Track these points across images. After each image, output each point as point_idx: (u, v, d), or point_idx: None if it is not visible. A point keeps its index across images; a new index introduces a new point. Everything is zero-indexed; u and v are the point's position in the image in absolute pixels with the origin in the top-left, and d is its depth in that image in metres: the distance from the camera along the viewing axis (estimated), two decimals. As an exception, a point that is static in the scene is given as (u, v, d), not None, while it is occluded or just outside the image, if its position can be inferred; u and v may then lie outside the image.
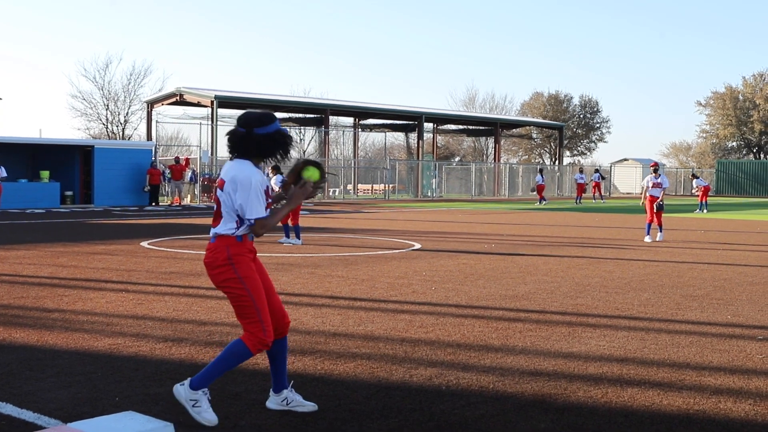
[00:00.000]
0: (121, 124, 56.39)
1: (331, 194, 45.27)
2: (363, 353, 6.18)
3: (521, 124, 62.19)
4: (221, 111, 40.97)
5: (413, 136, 54.66)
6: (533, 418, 4.66)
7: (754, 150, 78.46)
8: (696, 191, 33.86)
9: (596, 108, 78.58)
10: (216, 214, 4.51)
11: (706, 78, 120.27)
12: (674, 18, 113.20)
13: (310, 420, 4.55)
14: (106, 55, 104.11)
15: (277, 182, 14.97)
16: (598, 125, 79.17)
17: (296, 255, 13.15)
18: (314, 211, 28.84)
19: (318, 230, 19.09)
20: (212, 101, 39.74)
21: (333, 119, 50.21)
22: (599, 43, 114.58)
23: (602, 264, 12.46)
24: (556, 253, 13.99)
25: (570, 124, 75.40)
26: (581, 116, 78.54)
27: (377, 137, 66.49)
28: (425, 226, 21.32)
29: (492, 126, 56.75)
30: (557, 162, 60.59)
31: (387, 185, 46.94)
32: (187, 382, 4.43)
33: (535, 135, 73.47)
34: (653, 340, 6.81)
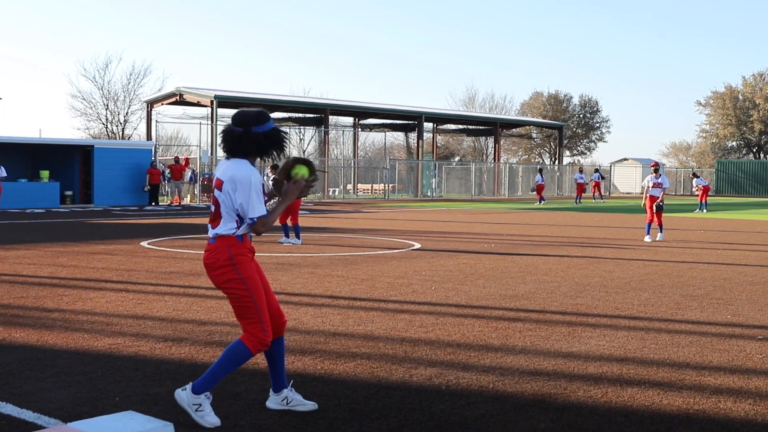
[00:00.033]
0: (121, 124, 56.43)
1: (331, 194, 45.27)
2: (363, 353, 6.19)
3: (521, 124, 62.18)
4: (221, 111, 40.94)
5: (413, 136, 54.65)
6: (533, 418, 4.66)
7: (754, 150, 78.48)
8: (696, 190, 33.88)
9: (596, 108, 78.60)
10: (215, 215, 4.49)
11: (706, 78, 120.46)
12: (674, 18, 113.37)
13: (310, 420, 4.55)
14: (106, 55, 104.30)
15: None
16: (598, 125, 79.19)
17: (296, 255, 13.15)
18: (314, 211, 28.84)
19: (318, 230, 19.09)
20: (212, 101, 39.74)
21: (333, 119, 50.21)
22: (599, 43, 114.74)
23: (602, 264, 12.47)
24: (556, 253, 13.99)
25: (570, 124, 75.41)
26: (581, 116, 78.54)
27: (377, 137, 66.60)
28: (425, 226, 21.32)
29: (492, 126, 56.74)
30: (557, 162, 60.61)
31: (387, 185, 46.94)
32: (189, 387, 4.43)
33: (535, 135, 73.47)
34: (653, 340, 6.81)
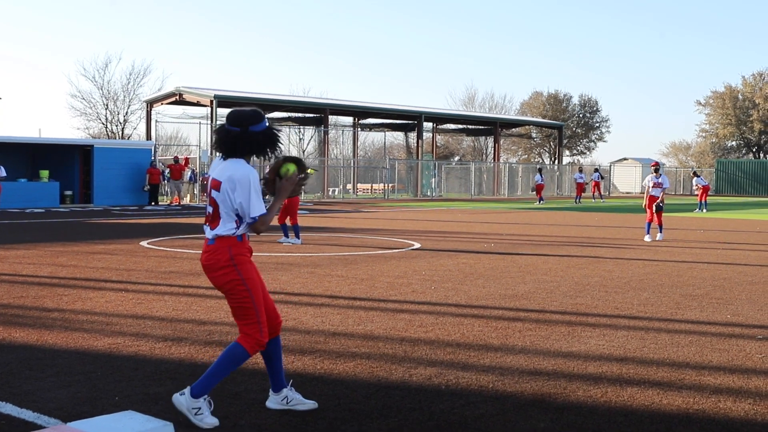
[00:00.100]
0: (121, 124, 56.39)
1: (331, 194, 45.26)
2: (362, 353, 6.19)
3: (521, 124, 62.16)
4: (221, 111, 40.92)
5: (413, 136, 54.61)
6: (533, 418, 4.67)
7: (754, 149, 78.47)
8: (696, 190, 33.88)
9: (596, 107, 78.58)
10: (213, 216, 4.47)
11: (706, 77, 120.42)
12: (674, 18, 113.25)
13: (310, 419, 4.55)
14: (106, 55, 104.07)
15: None
16: (598, 124, 79.16)
17: (296, 254, 13.15)
18: (314, 211, 28.84)
19: (317, 230, 19.09)
20: (212, 101, 39.73)
21: (332, 119, 50.16)
22: (599, 43, 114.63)
23: (602, 263, 12.47)
24: (556, 253, 13.99)
25: (569, 124, 75.39)
26: (581, 116, 78.53)
27: (377, 137, 66.53)
28: (425, 226, 21.32)
29: (491, 125, 56.72)
30: (557, 161, 60.61)
31: (386, 185, 46.92)
32: (188, 391, 4.42)
33: (535, 134, 73.44)
34: (653, 340, 6.81)
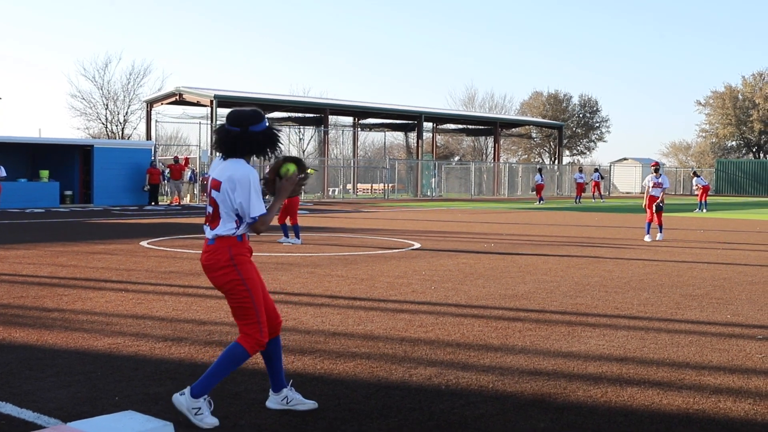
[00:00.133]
0: (121, 124, 56.38)
1: (331, 194, 45.26)
2: (362, 353, 6.19)
3: (521, 124, 62.16)
4: (221, 110, 40.92)
5: (413, 136, 54.60)
6: (533, 418, 4.67)
7: (754, 149, 78.47)
8: (696, 190, 33.88)
9: (596, 107, 78.58)
10: (213, 216, 4.47)
11: (706, 77, 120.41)
12: (674, 18, 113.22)
13: (310, 419, 4.55)
14: (106, 55, 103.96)
15: None
16: (598, 124, 79.16)
17: (296, 254, 13.15)
18: (314, 211, 28.84)
19: (317, 230, 19.08)
20: (211, 101, 39.73)
21: (332, 119, 50.16)
22: (599, 43, 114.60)
23: (602, 263, 12.47)
24: (556, 253, 13.99)
25: (569, 124, 75.39)
26: (581, 115, 78.53)
27: (377, 137, 66.52)
28: (425, 226, 21.32)
29: (491, 125, 56.72)
30: (557, 161, 60.61)
31: (386, 185, 46.91)
32: (188, 392, 4.42)
33: (535, 134, 73.43)
34: (653, 340, 6.81)
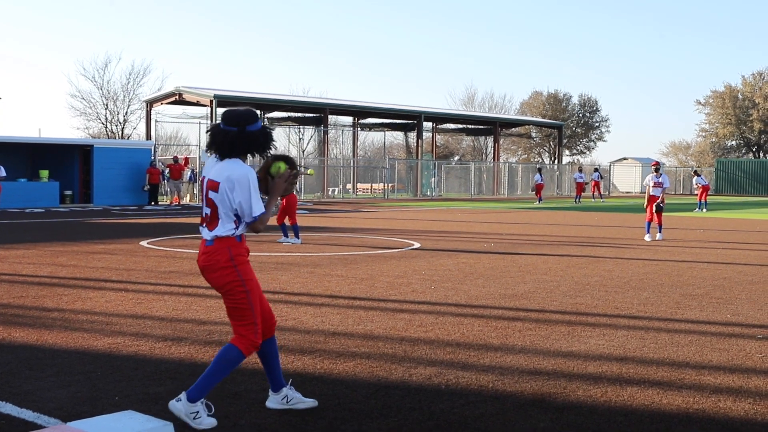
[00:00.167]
0: (121, 124, 56.35)
1: (330, 193, 45.26)
2: (362, 352, 6.19)
3: (520, 123, 62.13)
4: (220, 110, 40.91)
5: (412, 136, 54.57)
6: (533, 417, 4.67)
7: (754, 149, 78.46)
8: (696, 189, 33.89)
9: (595, 107, 78.56)
10: (212, 217, 4.46)
11: (706, 77, 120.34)
12: (674, 18, 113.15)
13: (310, 419, 4.55)
14: (106, 55, 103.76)
15: None
16: (598, 124, 79.14)
17: (295, 254, 13.15)
18: (313, 211, 28.84)
19: (317, 229, 19.08)
20: (211, 100, 39.73)
21: (332, 118, 50.13)
22: (599, 43, 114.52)
23: (602, 263, 12.47)
24: (556, 252, 13.99)
25: (569, 123, 75.37)
26: (580, 115, 78.52)
27: (376, 136, 66.43)
28: (424, 225, 21.32)
29: (491, 125, 56.70)
30: (556, 161, 60.61)
31: (386, 184, 46.90)
32: (184, 397, 4.41)
33: (535, 134, 73.41)
34: (653, 339, 6.81)
